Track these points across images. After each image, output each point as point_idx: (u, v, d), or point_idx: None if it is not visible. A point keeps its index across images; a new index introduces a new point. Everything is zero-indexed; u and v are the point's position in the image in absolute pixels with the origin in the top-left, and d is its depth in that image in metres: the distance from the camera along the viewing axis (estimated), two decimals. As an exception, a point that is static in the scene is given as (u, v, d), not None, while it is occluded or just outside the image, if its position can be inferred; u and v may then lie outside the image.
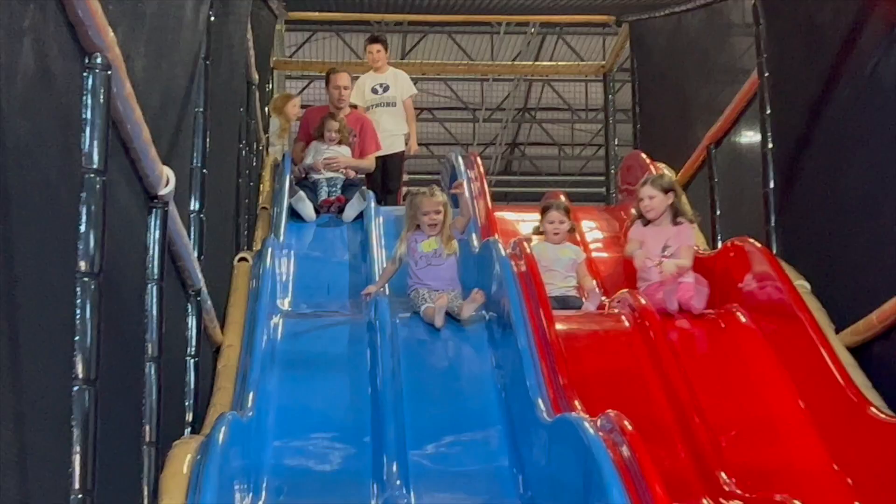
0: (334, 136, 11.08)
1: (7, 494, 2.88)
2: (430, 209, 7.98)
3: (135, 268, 4.65)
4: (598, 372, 7.02)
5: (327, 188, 10.71)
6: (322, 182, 10.76)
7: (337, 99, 11.52)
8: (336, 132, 11.09)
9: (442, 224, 7.99)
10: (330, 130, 11.09)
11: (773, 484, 5.76)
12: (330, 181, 10.79)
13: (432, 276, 7.85)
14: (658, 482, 4.80)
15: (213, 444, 5.04)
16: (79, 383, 3.44)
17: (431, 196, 8.05)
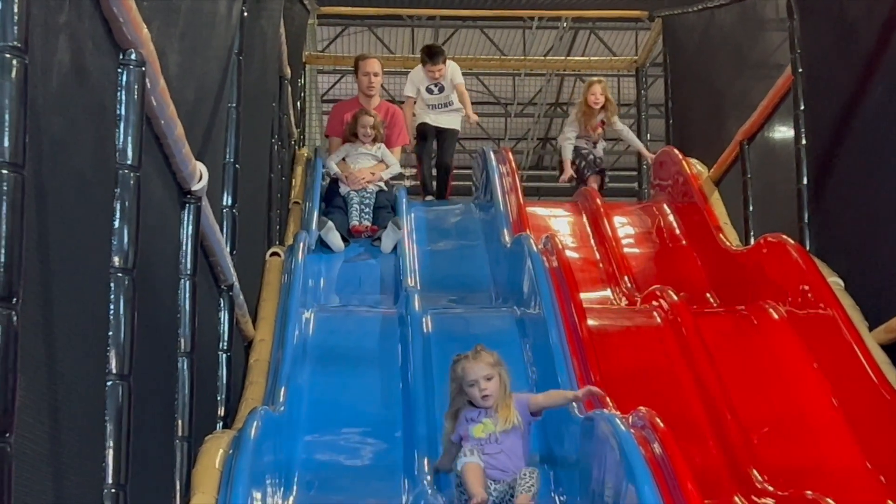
0: (369, 132, 10.48)
1: (42, 488, 2.90)
2: (478, 377, 5.82)
3: (168, 263, 4.66)
4: (629, 368, 7.00)
5: (359, 207, 10.14)
6: (353, 198, 10.21)
7: (367, 86, 11.12)
8: (371, 128, 10.49)
9: (497, 391, 5.81)
10: (364, 127, 10.49)
11: (805, 482, 5.73)
12: (362, 197, 10.22)
13: (492, 464, 5.68)
14: (690, 479, 4.79)
15: (245, 438, 5.06)
16: (112, 378, 3.46)
17: (476, 359, 5.88)
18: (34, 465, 2.81)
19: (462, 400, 5.84)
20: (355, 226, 10.00)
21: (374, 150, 10.48)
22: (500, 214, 9.73)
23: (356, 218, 10.06)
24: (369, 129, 10.47)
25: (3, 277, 2.42)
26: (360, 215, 10.08)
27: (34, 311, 2.79)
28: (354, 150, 10.48)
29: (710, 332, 7.22)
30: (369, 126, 10.48)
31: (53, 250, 2.97)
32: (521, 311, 7.71)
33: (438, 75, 11.77)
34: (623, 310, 8.29)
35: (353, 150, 10.48)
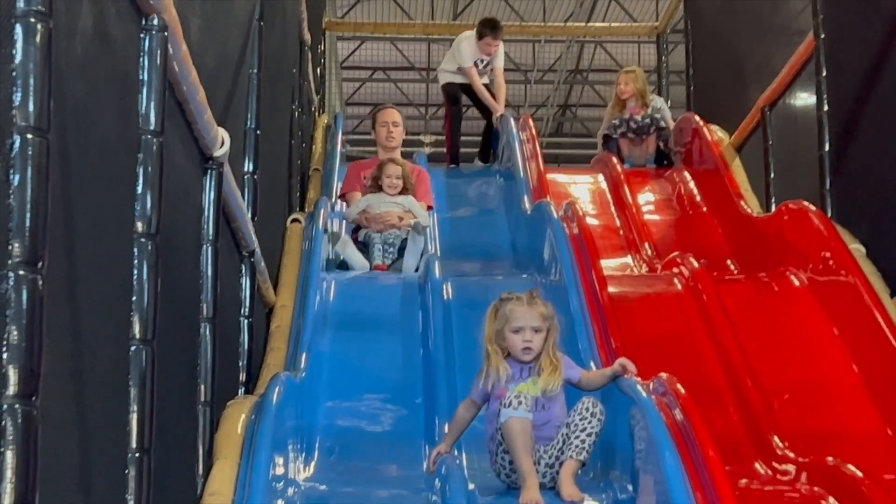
0: (395, 182, 8.92)
1: (67, 452, 2.92)
2: (526, 324, 5.24)
3: (190, 229, 4.67)
4: (650, 335, 7.00)
5: (382, 249, 8.61)
6: (376, 241, 8.62)
7: (386, 138, 9.80)
8: (397, 178, 8.92)
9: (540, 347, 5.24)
10: (390, 176, 8.91)
11: (825, 448, 5.74)
12: (386, 242, 8.64)
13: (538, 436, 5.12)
14: (711, 445, 4.79)
15: (267, 404, 5.07)
16: (136, 343, 3.48)
17: (530, 305, 5.30)
18: (60, 429, 2.83)
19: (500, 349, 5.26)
20: (378, 265, 8.49)
21: (401, 199, 8.93)
22: (521, 181, 9.71)
23: (379, 257, 8.53)
24: (395, 178, 8.94)
25: (28, 242, 2.43)
26: (382, 252, 8.56)
27: (59, 276, 2.80)
28: (378, 199, 8.90)
29: (731, 298, 7.21)
30: (395, 176, 8.95)
31: (77, 216, 2.98)
32: (542, 278, 7.71)
33: (493, 51, 11.75)
34: (643, 277, 8.29)
35: (376, 200, 8.89)
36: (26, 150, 2.44)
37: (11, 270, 2.40)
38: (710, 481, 4.62)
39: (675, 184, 10.56)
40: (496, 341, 5.29)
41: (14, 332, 2.39)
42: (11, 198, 2.42)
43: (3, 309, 2.39)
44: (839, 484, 5.33)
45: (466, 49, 11.76)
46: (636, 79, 11.39)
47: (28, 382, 2.40)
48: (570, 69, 24.24)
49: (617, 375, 5.40)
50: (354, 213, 8.86)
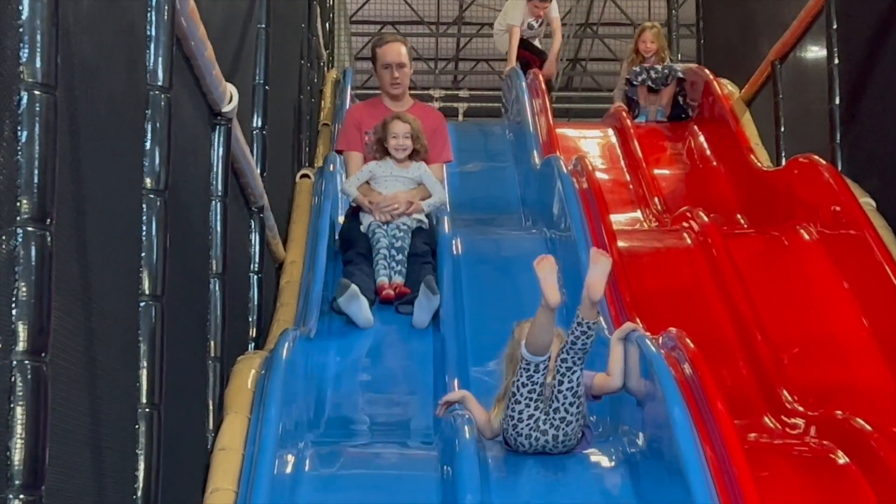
0: (403, 142, 7.25)
1: (78, 407, 2.93)
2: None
3: (199, 185, 4.67)
4: (659, 289, 7.00)
5: (388, 253, 6.96)
6: (380, 239, 7.01)
7: (390, 83, 7.84)
8: (406, 137, 7.24)
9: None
10: (397, 136, 7.23)
11: (834, 402, 5.74)
12: (393, 236, 7.04)
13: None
14: (719, 399, 4.80)
15: (277, 359, 5.09)
16: (146, 299, 3.49)
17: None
18: (70, 385, 2.84)
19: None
20: (383, 284, 6.84)
21: (412, 170, 7.31)
22: (530, 136, 9.68)
23: (384, 272, 6.88)
24: (404, 138, 7.26)
25: (36, 198, 2.43)
26: (389, 267, 6.91)
27: (68, 232, 2.81)
28: (383, 170, 7.27)
29: (741, 253, 7.20)
30: (403, 134, 7.26)
31: (86, 172, 2.98)
32: (551, 233, 7.70)
33: (542, 14, 11.71)
34: (653, 231, 8.28)
35: (382, 171, 7.27)
36: (34, 107, 2.44)
37: (20, 227, 2.40)
38: (719, 435, 4.63)
39: (684, 138, 10.53)
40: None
41: (23, 289, 2.39)
42: (19, 154, 2.43)
43: (12, 265, 2.39)
44: (848, 437, 5.34)
45: (512, 10, 11.76)
46: (659, 35, 11.35)
47: (37, 339, 2.41)
48: (580, 23, 24.13)
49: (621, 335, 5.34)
50: (354, 187, 7.23)
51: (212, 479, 4.44)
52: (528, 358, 5.01)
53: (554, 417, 5.03)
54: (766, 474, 5.00)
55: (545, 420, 5.04)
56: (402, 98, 7.91)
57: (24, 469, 2.36)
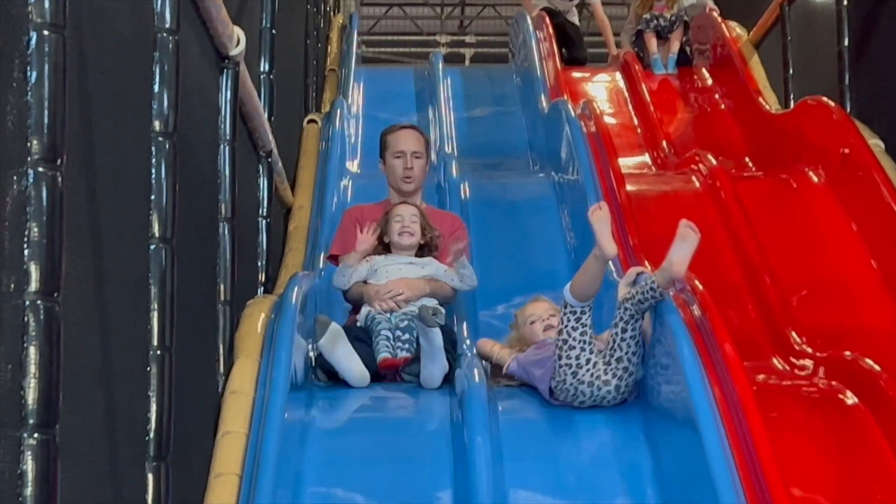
0: (410, 227, 5.93)
1: (89, 350, 2.94)
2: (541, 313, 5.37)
3: (207, 129, 4.67)
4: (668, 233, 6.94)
5: (391, 336, 5.57)
6: (382, 327, 5.59)
7: (402, 177, 6.38)
8: (413, 220, 5.95)
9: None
10: (402, 220, 5.94)
11: (843, 343, 5.75)
12: (398, 327, 5.60)
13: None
14: (728, 341, 4.80)
15: (287, 303, 5.10)
16: (155, 242, 3.50)
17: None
18: (82, 327, 2.85)
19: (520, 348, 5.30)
20: (386, 359, 5.48)
21: (420, 263, 5.93)
22: (538, 80, 9.66)
23: (386, 348, 5.51)
24: (409, 221, 5.95)
25: (46, 139, 2.43)
26: (394, 347, 5.55)
27: (78, 174, 2.81)
28: (386, 263, 5.89)
29: (749, 196, 7.20)
30: (409, 217, 5.97)
31: (95, 114, 2.98)
32: (559, 177, 7.69)
33: None
34: (661, 175, 8.26)
35: (385, 264, 5.88)
36: (43, 47, 2.44)
37: (31, 167, 2.41)
38: (728, 377, 4.64)
39: (692, 81, 10.49)
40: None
41: (35, 229, 2.40)
42: (29, 95, 2.42)
43: (24, 206, 2.40)
44: (857, 378, 5.35)
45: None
46: None
47: (49, 279, 2.41)
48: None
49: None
50: (351, 282, 5.83)
51: (223, 422, 4.46)
52: (573, 303, 4.89)
53: (617, 367, 4.91)
54: (774, 415, 5.01)
55: (606, 370, 4.91)
56: (413, 197, 6.36)
57: (37, 408, 2.37)
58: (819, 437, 5.11)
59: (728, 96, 9.86)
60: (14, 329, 2.38)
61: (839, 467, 4.91)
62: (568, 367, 4.89)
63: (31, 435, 2.36)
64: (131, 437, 3.34)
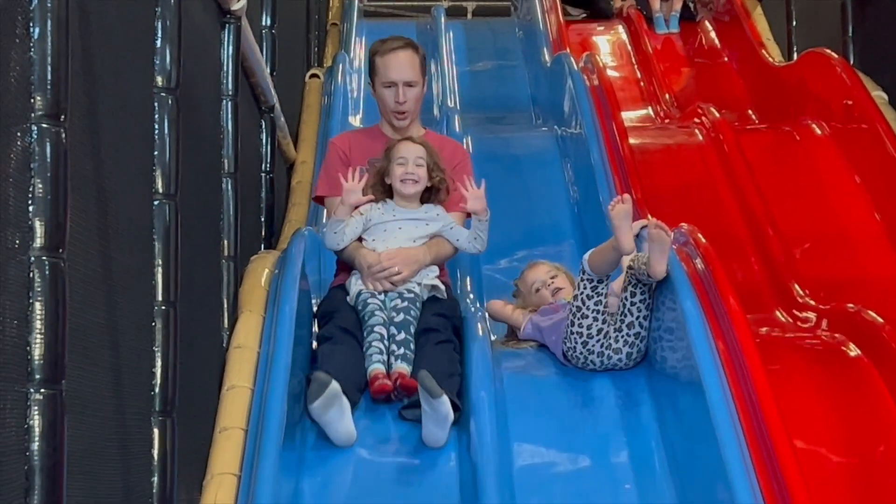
0: (414, 172, 5.12)
1: (94, 306, 2.95)
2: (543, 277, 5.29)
3: (209, 84, 4.67)
4: (671, 186, 6.99)
5: (384, 332, 4.83)
6: (373, 310, 4.91)
7: (393, 111, 5.49)
8: (418, 163, 5.14)
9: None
10: (405, 161, 5.13)
11: (846, 295, 5.76)
12: (394, 308, 4.95)
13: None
14: (732, 294, 4.81)
15: (290, 258, 5.10)
16: (159, 197, 3.51)
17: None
18: (87, 283, 2.86)
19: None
20: (377, 373, 4.72)
21: (423, 212, 5.22)
22: (540, 34, 9.62)
23: (378, 356, 4.78)
24: (414, 164, 5.14)
25: (50, 95, 2.44)
26: (385, 350, 4.81)
27: (82, 130, 2.81)
28: (384, 213, 5.18)
29: (752, 148, 7.18)
30: (414, 160, 5.15)
31: (98, 70, 2.98)
32: (562, 131, 7.68)
33: None
34: (664, 128, 8.25)
35: (380, 216, 5.18)
36: (45, 3, 2.44)
37: (34, 123, 2.41)
38: (731, 329, 4.66)
39: (696, 34, 10.45)
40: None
41: (39, 186, 2.40)
42: (32, 51, 2.42)
43: (28, 162, 2.40)
44: (860, 330, 5.36)
45: None
46: None
47: (54, 235, 2.42)
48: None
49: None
50: (341, 242, 5.10)
51: (228, 377, 4.47)
52: (591, 273, 4.82)
53: (628, 334, 4.86)
54: (777, 367, 5.02)
55: (617, 337, 4.87)
56: (411, 128, 5.53)
57: (44, 364, 2.39)
58: (822, 389, 5.12)
59: (731, 49, 9.83)
60: (20, 285, 2.39)
61: (842, 419, 4.93)
62: (579, 335, 4.87)
63: (38, 390, 2.38)
64: (137, 392, 3.36)
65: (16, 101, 2.39)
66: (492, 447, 4.39)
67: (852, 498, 4.55)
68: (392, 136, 5.46)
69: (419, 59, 5.49)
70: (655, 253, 4.73)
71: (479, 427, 4.48)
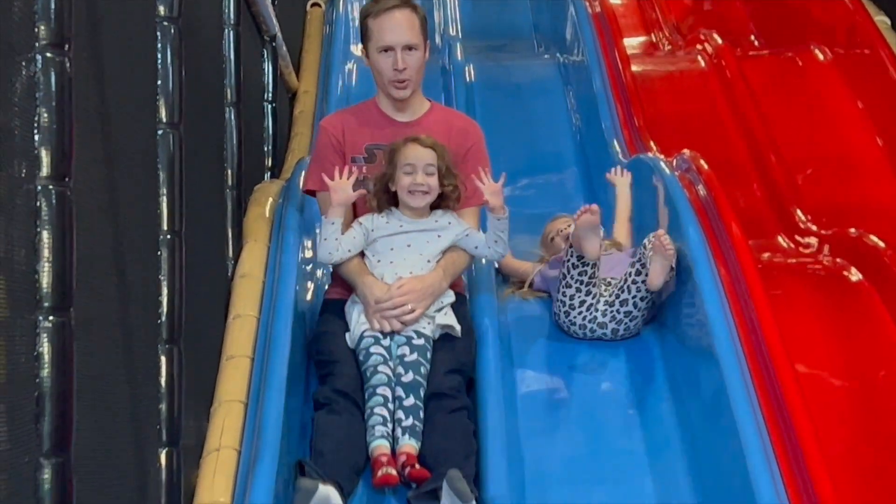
0: (422, 181, 4.46)
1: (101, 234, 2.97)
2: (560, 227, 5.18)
3: (211, 13, 4.66)
4: (673, 113, 6.99)
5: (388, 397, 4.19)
6: (377, 361, 4.28)
7: (392, 80, 4.69)
8: (429, 171, 4.47)
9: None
10: (413, 170, 4.46)
11: (848, 220, 5.77)
12: (399, 354, 4.31)
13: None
14: (734, 220, 4.84)
15: (294, 188, 5.11)
16: (163, 127, 3.51)
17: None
18: (93, 212, 2.87)
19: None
20: (381, 455, 4.07)
21: (435, 220, 4.57)
22: (541, -39, 9.58)
23: (381, 430, 4.13)
24: (423, 173, 4.47)
25: (54, 25, 2.44)
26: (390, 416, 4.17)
27: (85, 59, 2.82)
28: (390, 224, 4.55)
29: (755, 74, 7.17)
30: (424, 166, 4.47)
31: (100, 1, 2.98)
32: (564, 59, 7.67)
33: None
34: (666, 54, 8.22)
35: (385, 228, 4.55)
36: (46, -69, 2.44)
37: (39, 53, 2.42)
38: (734, 255, 4.68)
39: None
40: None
41: (44, 115, 2.41)
42: (35, -21, 2.43)
43: (33, 91, 2.41)
44: (861, 254, 5.38)
45: None
46: None
47: (60, 164, 2.44)
48: None
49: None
50: (335, 255, 4.48)
51: (233, 306, 4.50)
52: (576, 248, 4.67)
53: (618, 311, 4.68)
54: (779, 292, 5.05)
55: (606, 311, 4.69)
56: (412, 102, 4.80)
57: (52, 292, 2.41)
58: (824, 313, 5.15)
59: (733, -26, 9.77)
60: (27, 214, 2.40)
61: (843, 343, 4.96)
62: (562, 304, 4.77)
63: (47, 318, 2.40)
64: (144, 321, 3.38)
65: (20, 31, 2.40)
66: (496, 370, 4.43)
67: (853, 421, 4.59)
68: (391, 112, 4.76)
69: (419, 19, 4.67)
70: (656, 265, 4.55)
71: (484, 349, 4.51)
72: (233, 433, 3.90)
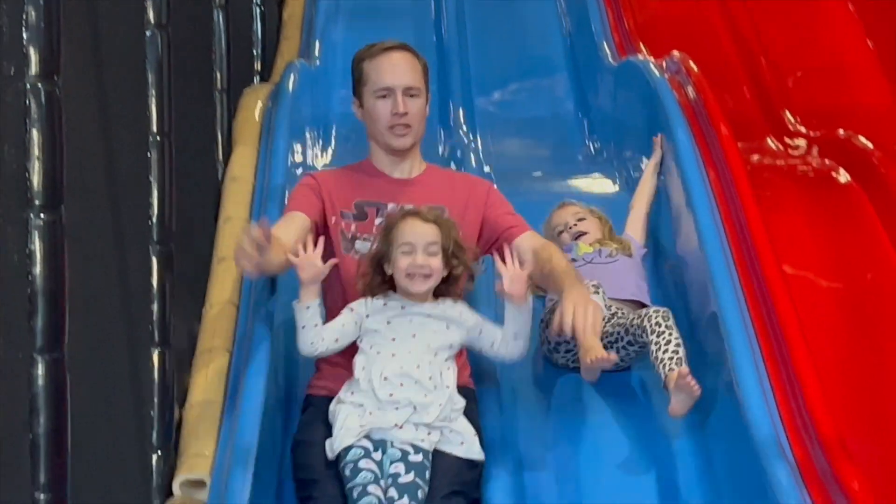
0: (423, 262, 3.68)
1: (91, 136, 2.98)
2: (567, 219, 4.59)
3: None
4: (663, 15, 6.95)
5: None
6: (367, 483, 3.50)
7: (390, 126, 4.04)
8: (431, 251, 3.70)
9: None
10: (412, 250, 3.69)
11: (837, 122, 5.78)
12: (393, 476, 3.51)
13: (600, 274, 4.29)
14: (723, 121, 4.85)
15: (284, 91, 5.11)
16: (151, 28, 3.49)
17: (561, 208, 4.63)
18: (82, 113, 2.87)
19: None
20: None
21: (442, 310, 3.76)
22: None
23: None
24: (424, 253, 3.71)
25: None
26: None
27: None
28: (388, 307, 3.77)
29: (745, -24, 7.13)
30: (425, 246, 3.71)
31: None
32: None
33: None
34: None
35: (383, 312, 3.76)
36: None
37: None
38: (723, 157, 4.70)
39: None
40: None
41: (32, 13, 2.40)
42: None
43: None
44: (850, 156, 5.40)
45: None
46: None
47: (49, 62, 2.42)
48: None
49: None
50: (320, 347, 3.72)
51: (224, 209, 4.51)
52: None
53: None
54: (768, 194, 5.07)
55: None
56: (411, 157, 4.15)
57: (42, 190, 2.41)
58: (812, 215, 5.18)
59: None
60: (16, 113, 2.40)
61: (832, 244, 4.99)
62: (547, 342, 4.23)
63: (38, 215, 2.41)
64: (134, 223, 3.39)
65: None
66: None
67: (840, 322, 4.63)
68: (386, 168, 4.11)
69: (421, 65, 4.11)
70: (679, 399, 3.82)
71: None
72: (225, 334, 3.93)
